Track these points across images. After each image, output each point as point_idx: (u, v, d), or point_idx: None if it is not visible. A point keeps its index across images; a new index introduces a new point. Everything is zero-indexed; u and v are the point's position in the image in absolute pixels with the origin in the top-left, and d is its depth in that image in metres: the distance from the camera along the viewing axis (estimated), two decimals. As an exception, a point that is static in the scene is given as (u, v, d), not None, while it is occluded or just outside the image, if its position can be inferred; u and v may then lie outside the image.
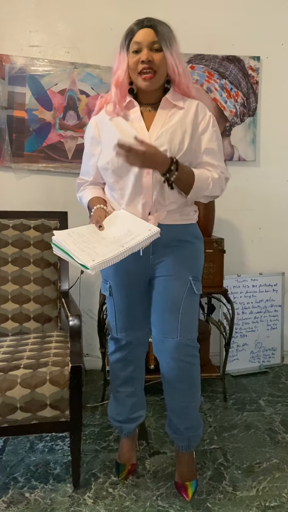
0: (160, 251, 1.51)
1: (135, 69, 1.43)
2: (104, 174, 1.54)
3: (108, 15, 2.41)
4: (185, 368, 1.56)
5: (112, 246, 1.36)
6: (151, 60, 1.41)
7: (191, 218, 1.57)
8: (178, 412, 1.62)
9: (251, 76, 2.56)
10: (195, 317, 1.60)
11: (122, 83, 1.47)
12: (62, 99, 2.44)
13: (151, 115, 1.50)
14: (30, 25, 2.40)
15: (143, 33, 1.42)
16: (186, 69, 1.48)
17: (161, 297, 1.55)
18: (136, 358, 1.69)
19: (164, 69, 1.44)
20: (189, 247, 1.55)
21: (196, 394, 1.62)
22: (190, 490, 1.62)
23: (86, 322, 2.60)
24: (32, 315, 2.02)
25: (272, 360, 2.75)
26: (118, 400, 1.72)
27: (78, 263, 1.33)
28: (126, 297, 1.60)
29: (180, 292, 1.53)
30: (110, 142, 1.47)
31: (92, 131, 1.57)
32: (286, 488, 1.66)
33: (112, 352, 1.70)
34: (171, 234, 1.50)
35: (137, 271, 1.55)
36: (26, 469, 1.76)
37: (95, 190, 1.61)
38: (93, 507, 1.56)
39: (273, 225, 2.74)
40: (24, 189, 2.49)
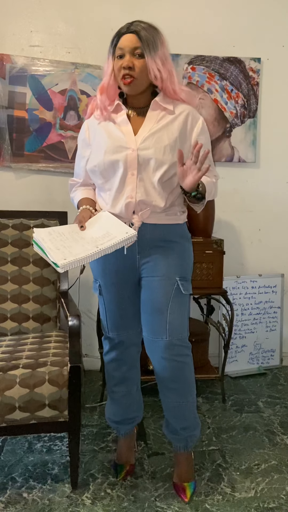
0: (146, 251, 1.53)
1: (118, 74, 1.46)
2: (93, 176, 1.57)
3: (109, 16, 2.41)
4: (177, 367, 1.56)
5: (87, 246, 1.40)
6: (131, 66, 1.42)
7: (178, 218, 1.57)
8: (173, 412, 1.62)
9: (252, 77, 2.56)
10: (185, 317, 1.60)
11: (108, 88, 1.51)
12: (63, 99, 2.44)
13: (140, 119, 1.52)
14: (31, 25, 2.41)
15: (125, 39, 1.43)
16: (172, 73, 1.48)
17: (149, 298, 1.56)
18: (129, 358, 1.69)
19: (145, 75, 1.45)
20: (175, 247, 1.56)
21: (190, 393, 1.61)
22: (189, 491, 1.62)
23: (85, 322, 2.59)
24: (31, 315, 2.02)
25: (271, 361, 2.75)
26: (114, 400, 1.72)
27: (50, 260, 1.37)
28: (116, 296, 1.61)
29: (167, 293, 1.53)
30: (98, 145, 1.52)
31: (83, 134, 1.61)
32: (284, 489, 1.66)
33: (106, 352, 1.70)
34: (157, 234, 1.52)
35: (125, 270, 1.56)
36: (24, 469, 1.75)
37: (85, 191, 1.65)
38: (91, 508, 1.56)
39: (273, 227, 2.74)
40: (24, 189, 2.49)
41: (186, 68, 2.50)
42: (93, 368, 2.60)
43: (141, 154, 1.46)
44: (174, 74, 1.49)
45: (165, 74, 1.46)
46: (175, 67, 1.53)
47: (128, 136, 1.48)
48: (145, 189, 1.48)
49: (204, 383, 2.49)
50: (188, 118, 1.51)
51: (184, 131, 1.51)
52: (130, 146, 1.47)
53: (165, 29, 1.51)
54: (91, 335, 2.54)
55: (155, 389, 1.73)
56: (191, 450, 1.68)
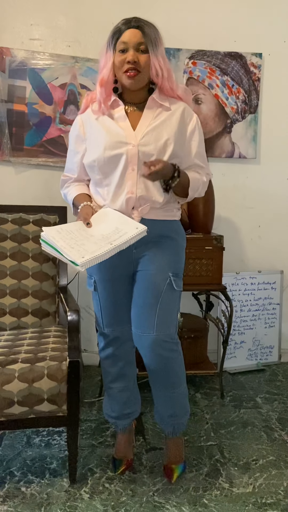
0: (143, 246, 1.53)
1: (121, 68, 1.45)
2: (91, 172, 1.56)
3: (110, 10, 2.40)
4: (164, 362, 1.57)
5: (101, 243, 1.38)
6: (136, 61, 1.43)
7: (174, 214, 1.60)
8: (161, 400, 1.66)
9: (253, 73, 2.55)
10: (174, 313, 1.60)
11: (107, 82, 1.50)
12: (63, 93, 2.42)
13: (137, 115, 1.52)
14: (31, 18, 2.39)
15: (129, 34, 1.43)
16: (170, 71, 1.50)
17: (141, 291, 1.57)
18: (125, 354, 1.69)
19: (148, 70, 1.46)
20: (170, 243, 1.58)
21: (178, 385, 1.63)
22: (176, 473, 1.67)
23: (84, 317, 2.59)
24: (30, 310, 2.01)
25: (270, 358, 2.75)
26: (111, 396, 1.72)
27: (68, 259, 1.35)
28: (111, 291, 1.61)
29: (159, 287, 1.54)
30: (96, 140, 1.51)
31: (77, 129, 1.60)
32: (282, 485, 1.67)
33: (101, 348, 1.70)
34: (154, 229, 1.52)
35: (121, 265, 1.56)
36: (22, 463, 1.76)
37: (80, 187, 1.63)
38: (89, 502, 1.56)
39: (273, 223, 2.73)
40: (23, 183, 2.48)
41: (187, 63, 2.49)
42: (92, 363, 2.60)
43: (141, 150, 1.46)
44: (172, 73, 1.52)
45: (165, 72, 1.48)
46: (176, 61, 1.53)
47: (127, 132, 1.49)
48: (145, 185, 1.49)
49: (203, 379, 2.50)
50: (184, 114, 1.54)
51: (181, 127, 1.53)
52: (131, 142, 1.47)
53: (167, 23, 1.52)
54: (90, 330, 2.54)
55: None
56: (180, 436, 1.73)
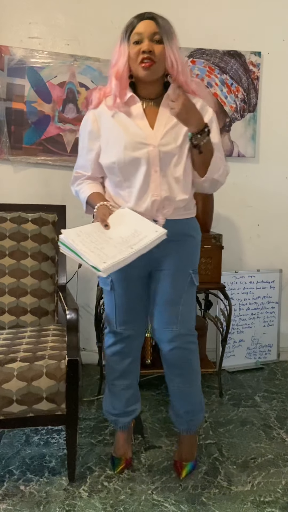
0: (164, 245, 1.50)
1: (136, 60, 1.43)
2: (110, 173, 1.54)
3: (109, 8, 2.39)
4: (183, 355, 1.63)
5: (121, 247, 1.36)
6: (152, 50, 1.41)
7: (192, 212, 1.61)
8: (178, 396, 1.70)
9: (252, 71, 2.55)
10: (194, 307, 1.68)
11: (122, 75, 1.47)
12: (62, 92, 2.42)
13: (153, 111, 1.50)
14: (30, 17, 2.38)
15: (144, 25, 1.42)
16: (184, 65, 1.48)
17: (164, 290, 1.59)
18: (133, 351, 1.70)
19: (163, 61, 1.44)
20: (190, 241, 1.60)
21: (194, 380, 1.70)
22: (185, 470, 1.69)
23: (83, 316, 2.59)
24: (29, 309, 2.01)
25: (268, 356, 2.76)
26: (114, 394, 1.72)
27: (89, 264, 1.33)
28: (128, 290, 1.61)
29: (182, 286, 1.58)
30: (114, 140, 1.48)
31: (90, 125, 1.55)
32: (280, 483, 1.67)
33: (109, 345, 1.70)
34: (176, 229, 1.51)
35: (140, 264, 1.54)
36: (21, 462, 1.76)
37: (93, 185, 1.60)
38: (88, 501, 1.56)
39: (272, 222, 2.73)
40: (22, 182, 2.48)
41: (186, 62, 2.48)
42: (91, 362, 2.60)
43: (162, 150, 1.45)
44: (186, 67, 1.50)
45: (180, 65, 1.46)
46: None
47: (146, 131, 1.47)
48: (168, 185, 1.48)
49: (202, 377, 2.47)
50: (201, 110, 1.49)
51: None
52: (151, 143, 1.45)
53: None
54: (89, 329, 2.54)
55: (153, 383, 1.74)
56: (194, 433, 1.76)
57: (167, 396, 2.27)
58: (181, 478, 1.68)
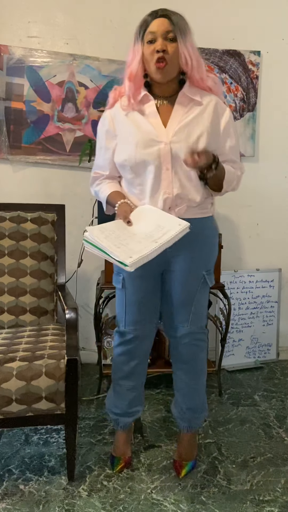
0: (178, 244, 1.49)
1: (150, 59, 1.42)
2: (122, 170, 1.54)
3: (108, 7, 2.39)
4: (192, 351, 1.65)
5: (145, 242, 1.35)
6: (165, 49, 1.40)
7: (209, 211, 1.59)
8: (182, 391, 1.71)
9: (251, 70, 2.55)
10: (205, 306, 1.68)
11: (136, 75, 1.46)
12: (61, 91, 2.42)
13: (167, 109, 1.49)
14: (29, 16, 2.38)
15: (157, 23, 1.41)
16: (200, 61, 1.46)
17: (176, 290, 1.59)
18: (141, 353, 1.68)
19: (177, 59, 1.43)
20: (205, 241, 1.58)
21: (201, 379, 1.70)
22: (185, 470, 1.70)
23: (83, 316, 2.59)
24: (28, 308, 2.01)
25: (268, 355, 2.76)
26: (118, 393, 1.72)
27: (116, 260, 1.33)
28: (139, 289, 1.60)
29: (194, 287, 1.58)
30: (127, 138, 1.48)
31: (107, 125, 1.55)
32: (280, 482, 1.67)
33: (117, 344, 1.68)
34: (191, 228, 1.49)
35: (153, 263, 1.51)
36: (20, 461, 1.76)
37: (112, 184, 1.60)
38: (88, 500, 1.56)
39: (271, 221, 2.74)
40: (21, 181, 2.48)
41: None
42: (90, 362, 2.60)
43: (174, 148, 1.44)
44: (202, 62, 1.47)
45: (195, 61, 1.44)
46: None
47: (159, 129, 1.46)
48: (180, 183, 1.47)
49: (201, 377, 2.50)
50: (216, 109, 1.49)
51: (215, 122, 1.49)
52: (162, 140, 1.44)
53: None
54: (88, 328, 2.54)
55: (153, 382, 1.75)
56: (195, 433, 1.77)
57: (167, 395, 2.28)
58: (180, 477, 1.68)
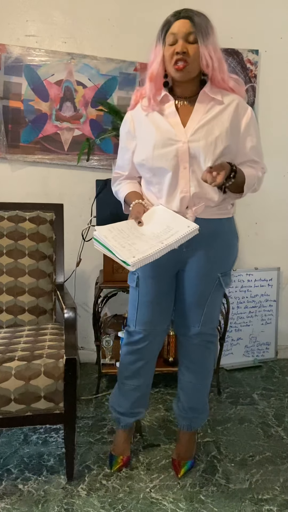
0: (194, 245, 1.49)
1: (170, 61, 1.41)
2: (140, 170, 1.54)
3: (106, 6, 2.38)
4: (201, 351, 1.66)
5: (152, 242, 1.37)
6: (185, 51, 1.39)
7: (228, 212, 1.57)
8: (186, 390, 1.72)
9: (250, 69, 2.54)
10: (219, 308, 1.69)
11: (157, 76, 1.46)
12: (59, 90, 2.41)
13: (188, 109, 1.48)
14: (26, 15, 2.37)
15: (179, 24, 1.41)
16: (221, 61, 1.45)
17: (190, 291, 1.59)
18: (148, 353, 1.67)
19: (198, 61, 1.42)
20: (222, 243, 1.56)
21: (206, 378, 1.71)
22: (183, 469, 1.70)
23: (81, 315, 2.59)
24: (26, 308, 2.01)
25: (266, 354, 2.76)
26: (122, 392, 1.71)
27: (119, 259, 1.34)
28: (152, 289, 1.59)
29: (208, 288, 1.58)
30: (146, 138, 1.48)
31: (127, 126, 1.56)
32: (278, 481, 1.68)
33: (125, 343, 1.68)
34: (208, 229, 1.49)
35: (168, 263, 1.53)
36: (19, 460, 1.76)
37: (131, 185, 1.60)
38: (87, 499, 1.56)
39: (269, 220, 2.73)
40: (19, 180, 2.47)
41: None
42: (89, 361, 2.60)
43: (192, 146, 1.43)
44: (224, 63, 1.46)
45: (216, 62, 1.42)
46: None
47: (177, 128, 1.45)
48: (198, 182, 1.46)
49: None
50: (238, 108, 1.48)
51: (235, 122, 1.47)
52: (180, 139, 1.44)
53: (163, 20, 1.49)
54: (87, 328, 2.54)
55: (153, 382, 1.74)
56: (195, 432, 1.78)
57: (166, 395, 2.28)
58: (179, 476, 1.68)
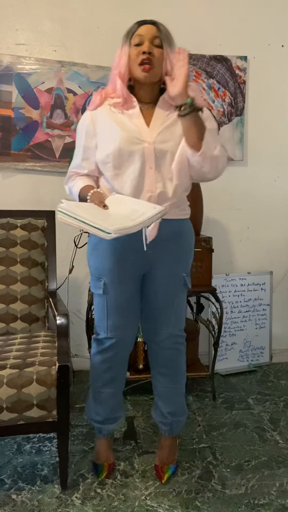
0: (158, 247, 1.51)
1: (136, 60, 1.44)
2: (104, 168, 1.53)
3: (96, 14, 2.41)
4: (172, 354, 1.67)
5: (122, 220, 1.32)
6: (151, 52, 1.42)
7: (187, 213, 1.61)
8: (163, 396, 1.72)
9: (239, 75, 2.57)
10: (185, 309, 1.71)
11: (124, 75, 1.48)
12: (49, 98, 2.42)
13: (149, 113, 1.51)
14: (16, 23, 2.39)
15: (145, 28, 1.45)
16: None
17: (157, 293, 1.60)
18: (121, 359, 1.68)
19: (162, 65, 1.45)
20: (184, 243, 1.61)
21: (180, 380, 1.72)
22: (167, 474, 1.69)
23: (75, 322, 2.58)
24: (19, 315, 1.99)
25: (261, 359, 2.76)
26: (99, 401, 1.70)
27: (96, 227, 1.28)
28: (121, 293, 1.59)
29: (176, 288, 1.61)
30: (110, 137, 1.49)
31: (86, 125, 1.56)
32: (274, 485, 1.66)
33: (96, 352, 1.66)
34: (170, 229, 1.51)
35: (135, 265, 1.55)
36: (13, 470, 1.73)
37: (86, 180, 1.59)
38: (81, 508, 1.54)
39: (261, 225, 2.75)
40: (10, 188, 2.47)
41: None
42: (83, 368, 2.58)
43: (158, 147, 1.46)
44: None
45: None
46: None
47: (142, 129, 1.48)
48: (163, 183, 1.48)
49: (194, 381, 2.49)
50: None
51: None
52: (146, 139, 1.46)
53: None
54: (81, 335, 2.52)
55: (146, 388, 1.74)
56: (176, 436, 1.77)
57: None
58: (163, 482, 1.66)
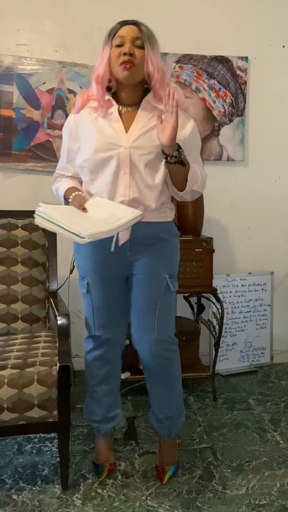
0: (137, 249, 1.53)
1: (117, 62, 1.43)
2: (81, 172, 1.55)
3: (97, 14, 2.41)
4: (163, 362, 1.63)
5: (99, 223, 1.35)
6: (132, 53, 1.41)
7: (168, 216, 1.59)
8: (158, 402, 1.69)
9: (239, 76, 2.57)
10: (172, 314, 1.65)
11: (103, 79, 1.47)
12: (50, 98, 2.42)
13: (131, 116, 1.50)
14: (17, 24, 2.39)
15: (127, 29, 1.44)
16: (164, 74, 1.47)
17: (138, 296, 1.58)
18: (113, 357, 1.69)
19: (143, 65, 1.44)
20: (165, 245, 1.58)
21: (175, 386, 1.69)
22: (167, 475, 1.69)
23: (76, 322, 2.58)
24: (20, 315, 2.00)
25: (262, 359, 2.76)
26: (95, 400, 1.71)
27: (71, 231, 1.31)
28: (104, 293, 1.60)
29: (157, 291, 1.57)
30: (88, 142, 1.49)
31: (69, 127, 1.57)
32: (275, 486, 1.66)
33: (89, 350, 1.69)
34: (148, 232, 1.52)
35: (115, 267, 1.56)
36: (13, 470, 1.74)
37: (71, 181, 1.61)
38: (82, 508, 1.54)
39: (262, 225, 2.75)
40: (11, 188, 2.47)
41: (174, 67, 2.50)
42: (83, 369, 2.56)
43: (133, 153, 1.45)
44: (166, 77, 1.48)
45: (158, 73, 1.45)
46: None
47: (119, 134, 1.47)
48: (137, 188, 1.47)
49: (195, 382, 2.49)
50: (181, 122, 1.48)
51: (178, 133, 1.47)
52: (122, 144, 1.45)
53: (153, 28, 1.50)
54: (82, 335, 2.50)
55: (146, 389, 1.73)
56: (175, 437, 1.75)
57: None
58: (163, 483, 1.66)
